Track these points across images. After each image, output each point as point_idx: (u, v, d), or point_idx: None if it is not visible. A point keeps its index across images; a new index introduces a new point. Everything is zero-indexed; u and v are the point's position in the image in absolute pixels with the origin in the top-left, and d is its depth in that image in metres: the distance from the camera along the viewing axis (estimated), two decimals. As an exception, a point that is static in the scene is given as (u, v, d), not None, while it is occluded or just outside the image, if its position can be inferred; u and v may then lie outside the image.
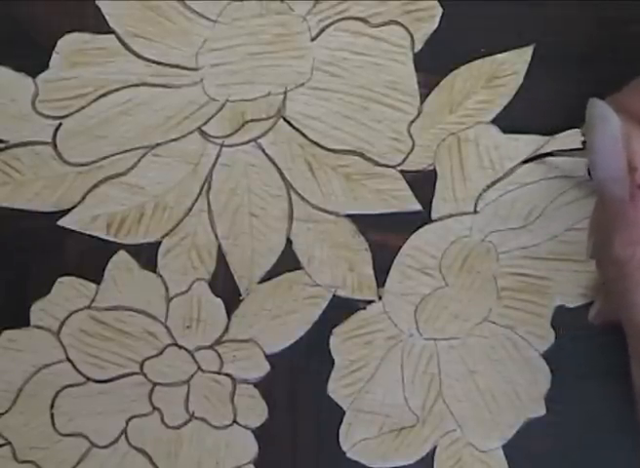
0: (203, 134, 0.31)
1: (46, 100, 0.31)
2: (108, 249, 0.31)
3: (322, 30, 0.31)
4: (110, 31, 0.31)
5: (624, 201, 0.23)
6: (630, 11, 0.31)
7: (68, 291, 0.31)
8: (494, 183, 0.32)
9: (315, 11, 0.31)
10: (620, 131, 0.23)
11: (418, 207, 0.32)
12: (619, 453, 0.32)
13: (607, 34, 0.31)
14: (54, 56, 0.30)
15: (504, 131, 0.31)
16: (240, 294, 0.32)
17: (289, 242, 0.32)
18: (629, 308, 0.23)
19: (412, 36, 0.31)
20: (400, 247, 0.32)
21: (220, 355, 0.32)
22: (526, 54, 0.31)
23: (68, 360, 0.32)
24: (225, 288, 0.32)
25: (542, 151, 0.31)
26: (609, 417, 0.32)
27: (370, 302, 0.32)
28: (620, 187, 0.23)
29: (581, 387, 0.32)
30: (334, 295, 0.32)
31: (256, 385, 0.32)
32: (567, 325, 0.32)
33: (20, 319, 0.31)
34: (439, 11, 0.31)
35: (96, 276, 0.31)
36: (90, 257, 0.31)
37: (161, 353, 0.32)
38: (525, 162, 0.31)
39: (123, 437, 0.32)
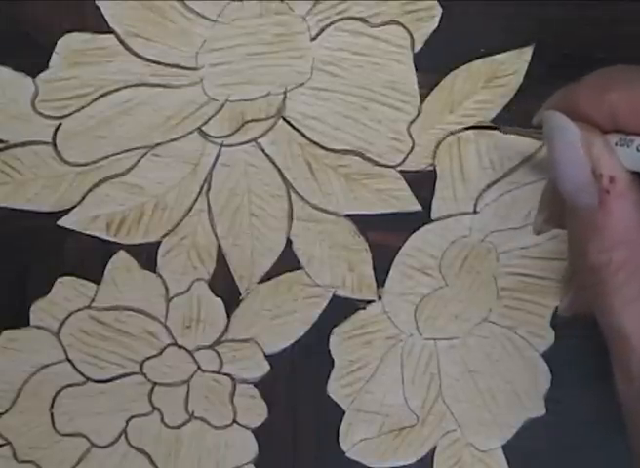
0: (203, 134, 0.31)
1: (46, 100, 0.31)
2: (108, 249, 0.31)
3: (322, 30, 0.31)
4: (110, 31, 0.31)
5: (594, 208, 0.23)
6: (629, 11, 0.31)
7: (68, 291, 0.31)
8: (494, 183, 0.32)
9: (315, 11, 0.31)
10: (580, 139, 0.23)
11: (417, 207, 0.32)
12: (618, 454, 0.32)
13: (606, 34, 0.31)
14: (54, 56, 0.30)
15: (504, 131, 0.31)
16: (240, 294, 0.32)
17: (289, 242, 0.32)
18: (607, 313, 0.23)
19: (411, 36, 0.31)
20: (400, 247, 0.32)
21: (219, 355, 0.32)
22: (526, 54, 0.31)
23: (68, 360, 0.32)
24: (225, 288, 0.32)
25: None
26: (609, 417, 0.32)
27: (370, 302, 0.32)
28: (587, 195, 0.23)
29: (581, 387, 0.32)
30: (333, 295, 0.32)
31: (256, 385, 0.32)
32: (567, 325, 0.32)
33: (20, 319, 0.31)
34: (439, 11, 0.31)
35: (96, 276, 0.31)
36: (90, 257, 0.31)
37: (161, 353, 0.32)
38: (469, 128, 0.31)
39: (123, 437, 0.32)
